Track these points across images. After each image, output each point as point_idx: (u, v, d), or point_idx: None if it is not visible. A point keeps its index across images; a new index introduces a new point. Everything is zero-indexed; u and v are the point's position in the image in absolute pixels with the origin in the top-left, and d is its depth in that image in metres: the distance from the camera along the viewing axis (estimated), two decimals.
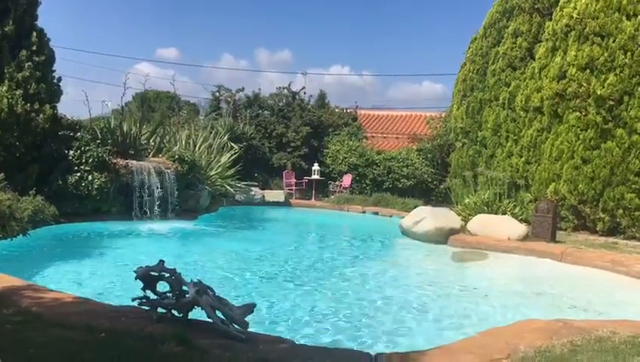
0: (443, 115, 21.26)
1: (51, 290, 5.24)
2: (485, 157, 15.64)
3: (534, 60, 14.02)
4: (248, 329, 4.35)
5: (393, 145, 24.50)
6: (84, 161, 12.39)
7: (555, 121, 12.97)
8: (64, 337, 3.86)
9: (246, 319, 4.41)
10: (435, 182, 20.73)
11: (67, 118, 13.09)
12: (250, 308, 4.56)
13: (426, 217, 12.14)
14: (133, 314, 4.47)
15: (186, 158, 14.57)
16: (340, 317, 6.22)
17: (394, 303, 6.96)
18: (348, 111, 25.66)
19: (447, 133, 19.28)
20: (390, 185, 20.97)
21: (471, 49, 17.21)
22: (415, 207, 14.55)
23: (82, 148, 12.51)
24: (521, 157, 14.06)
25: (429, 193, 20.85)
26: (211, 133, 18.59)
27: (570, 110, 12.38)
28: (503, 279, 9.00)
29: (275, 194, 20.17)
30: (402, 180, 20.97)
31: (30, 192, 10.08)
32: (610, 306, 6.86)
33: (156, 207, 13.33)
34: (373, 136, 25.71)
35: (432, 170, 20.72)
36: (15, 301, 4.63)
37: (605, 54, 11.68)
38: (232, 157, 17.81)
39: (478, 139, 16.06)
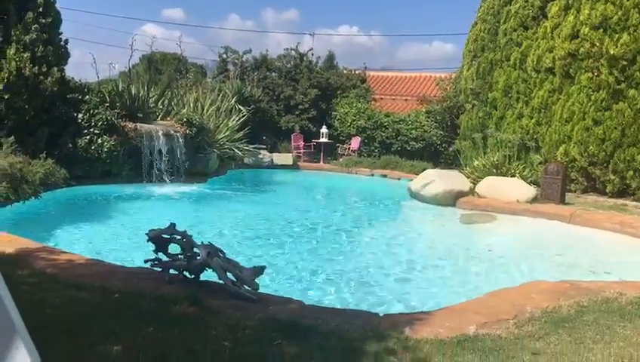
0: (453, 76, 20.96)
1: (65, 252, 5.32)
2: (495, 118, 15.49)
3: (547, 19, 13.73)
4: (258, 291, 4.41)
5: (402, 108, 24.27)
6: (93, 124, 12.40)
7: (566, 81, 12.78)
8: (79, 298, 3.94)
9: (256, 281, 4.47)
10: (444, 145, 20.59)
11: (75, 81, 13.03)
12: (260, 270, 4.62)
13: (435, 180, 12.14)
14: (146, 276, 4.54)
15: (195, 121, 14.54)
16: (349, 280, 6.31)
17: (403, 265, 7.03)
18: (356, 72, 25.34)
19: (457, 95, 19.06)
20: (399, 148, 20.88)
21: (482, 8, 16.85)
22: (424, 170, 14.52)
23: (91, 111, 12.50)
24: (532, 118, 13.92)
25: (438, 156, 20.74)
26: (219, 95, 18.47)
27: (583, 70, 12.17)
28: (511, 241, 9.04)
29: (283, 157, 20.15)
30: (411, 143, 20.85)
31: (41, 155, 10.15)
32: (617, 267, 6.89)
33: (165, 170, 13.39)
34: (381, 98, 25.46)
35: (441, 133, 20.56)
36: (30, 262, 4.71)
37: (619, 13, 11.40)
38: (240, 120, 17.73)
39: (488, 100, 15.87)
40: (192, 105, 16.82)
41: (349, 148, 21.38)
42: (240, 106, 19.13)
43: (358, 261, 7.21)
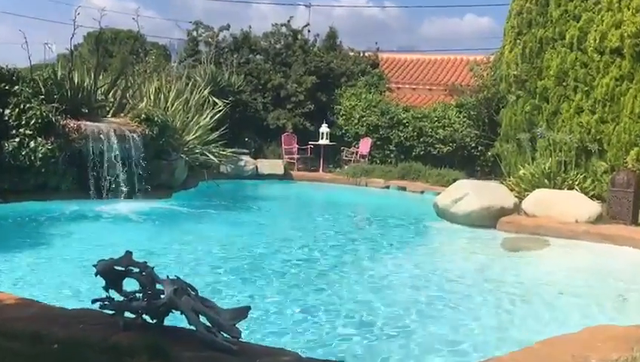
0: (491, 59, 21.05)
1: None
2: (547, 114, 15.53)
3: None
4: (240, 339, 4.40)
5: (425, 100, 24.33)
6: (23, 122, 12.44)
7: (639, 66, 12.83)
8: (6, 349, 3.92)
9: (237, 326, 4.46)
10: (480, 148, 20.63)
11: (0, 67, 13.09)
12: (242, 312, 4.60)
13: (469, 193, 12.18)
14: (94, 320, 4.52)
15: (156, 118, 14.58)
16: (362, 325, 6.31)
17: (429, 307, 7.02)
18: (366, 55, 25.45)
19: (497, 83, 19.12)
20: (421, 152, 20.92)
21: None
22: (454, 181, 14.52)
23: (21, 106, 12.54)
24: (594, 114, 13.96)
25: (473, 162, 20.77)
26: (187, 84, 18.55)
27: None
28: (569, 273, 9.04)
29: (271, 165, 20.19)
30: (437, 145, 20.90)
31: None
32: None
33: (118, 182, 13.40)
34: (399, 88, 25.55)
35: (477, 132, 20.60)
36: None
37: None
38: (216, 117, 17.80)
39: (537, 90, 15.92)
40: (152, 97, 16.88)
41: (356, 152, 21.44)
42: (215, 99, 19.18)
43: (372, 301, 7.19)
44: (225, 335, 4.35)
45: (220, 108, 18.41)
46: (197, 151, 16.54)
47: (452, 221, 12.26)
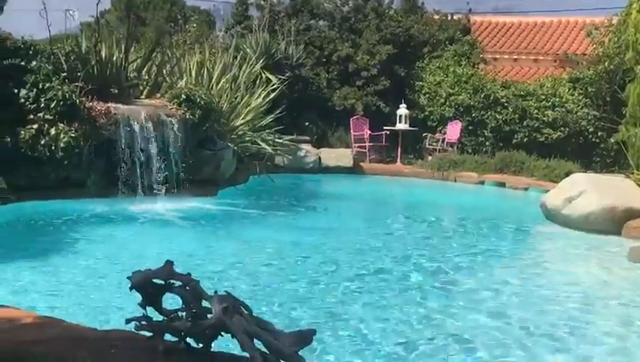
0: (614, 21, 20.56)
1: (3, 306, 5.45)
2: None
3: None
4: None
5: (530, 73, 23.95)
6: (42, 105, 12.64)
7: None
8: None
9: (300, 353, 4.46)
10: (600, 133, 20.21)
11: (14, 39, 13.36)
12: (306, 336, 4.59)
13: (586, 191, 11.99)
14: (128, 344, 4.57)
15: (198, 99, 14.70)
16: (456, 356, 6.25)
17: (542, 333, 6.92)
18: (455, 18, 25.21)
19: (622, 52, 18.67)
20: (525, 139, 20.61)
21: None
22: (567, 175, 14.28)
23: (39, 86, 12.76)
24: None
25: (590, 151, 20.36)
26: (236, 58, 18.68)
27: None
28: None
29: (337, 156, 20.21)
30: (545, 130, 20.54)
31: None
32: None
33: (154, 177, 13.58)
34: (496, 59, 25.22)
35: (596, 113, 20.19)
36: None
37: None
38: (270, 97, 17.88)
39: None
40: (193, 74, 17.06)
41: (442, 139, 21.25)
42: (269, 75, 19.28)
43: (474, 324, 7.11)
44: None
45: (275, 86, 18.49)
46: (247, 138, 16.65)
47: (564, 225, 12.09)
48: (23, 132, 12.32)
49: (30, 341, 4.62)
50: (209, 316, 4.47)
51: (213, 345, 4.56)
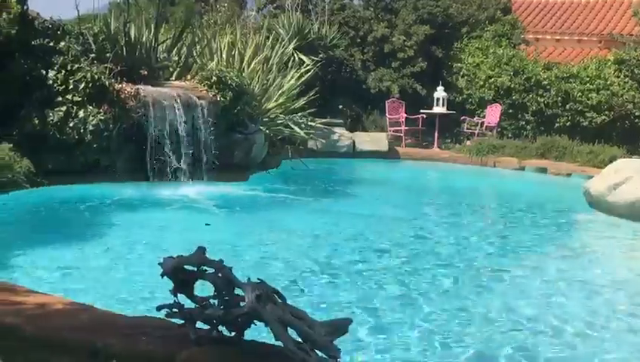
0: None
1: (33, 292, 5.49)
2: None
3: None
4: (340, 360, 4.39)
5: (573, 55, 23.71)
6: (71, 86, 12.70)
7: None
8: None
9: (336, 343, 4.45)
10: None
11: (43, 19, 13.42)
12: (342, 325, 4.58)
13: (633, 177, 11.87)
14: (159, 331, 4.59)
15: (230, 81, 14.70)
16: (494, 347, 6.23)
17: (588, 333, 6.86)
18: None
19: None
20: (567, 123, 20.40)
21: None
22: (612, 160, 14.13)
23: (68, 67, 12.82)
24: None
25: (636, 135, 20.11)
26: (268, 38, 18.67)
27: None
28: None
29: (372, 140, 20.14)
30: (589, 114, 20.32)
31: None
32: None
33: (184, 161, 13.63)
34: (538, 39, 25.01)
35: None
36: None
37: None
38: (303, 79, 17.85)
39: None
40: (224, 55, 17.08)
41: (481, 123, 21.12)
42: (302, 56, 19.24)
43: (513, 322, 7.07)
44: (320, 353, 4.34)
45: (308, 68, 18.45)
46: (280, 122, 16.65)
47: (609, 213, 11.98)
48: (51, 114, 12.38)
49: (60, 327, 4.65)
50: (242, 304, 4.47)
51: (245, 333, 4.57)
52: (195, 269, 4.61)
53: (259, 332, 4.50)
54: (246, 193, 13.55)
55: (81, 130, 12.49)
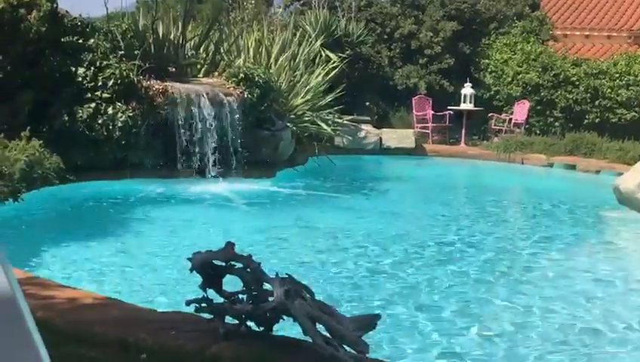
0: None
1: (64, 286, 5.57)
2: None
3: None
4: (368, 355, 4.40)
5: (602, 51, 23.50)
6: (100, 83, 12.83)
7: None
8: (85, 359, 4.09)
9: (364, 338, 4.46)
10: None
11: (73, 17, 13.52)
12: (370, 321, 4.59)
13: None
14: (188, 326, 4.64)
15: (257, 78, 14.74)
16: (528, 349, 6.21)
17: (621, 331, 6.81)
18: None
19: None
20: (597, 120, 20.24)
21: None
22: None
23: (97, 64, 12.95)
24: None
25: None
26: (295, 35, 18.68)
27: None
28: None
29: (399, 136, 20.09)
30: (618, 111, 20.15)
31: (22, 134, 10.63)
32: None
33: (212, 158, 13.70)
34: (566, 35, 24.80)
35: None
36: None
37: None
38: (330, 76, 17.84)
39: None
40: (252, 52, 17.11)
41: (509, 120, 21.01)
42: (329, 52, 19.24)
43: (542, 319, 7.04)
44: (348, 349, 4.36)
45: (335, 65, 18.43)
46: (306, 119, 16.64)
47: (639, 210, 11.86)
48: (80, 111, 12.50)
49: (91, 321, 4.71)
50: (270, 299, 4.49)
51: (274, 328, 4.59)
52: (224, 264, 4.65)
53: (288, 328, 4.53)
54: (272, 189, 13.59)
55: (110, 127, 12.60)
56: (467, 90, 20.90)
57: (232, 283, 4.55)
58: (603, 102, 20.30)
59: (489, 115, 21.43)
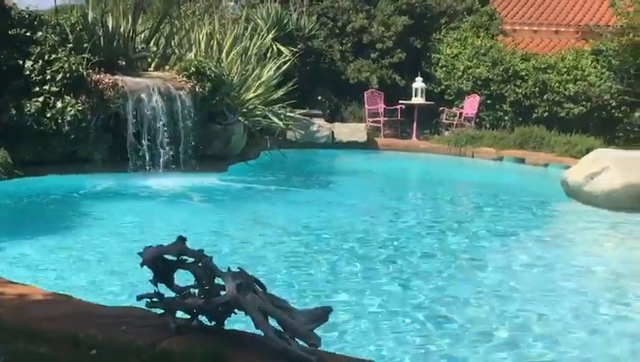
0: None
1: (12, 283, 5.49)
2: None
3: None
4: (319, 348, 4.42)
5: (550, 46, 23.74)
6: (48, 77, 12.69)
7: None
8: (35, 355, 4.05)
9: (316, 331, 4.48)
10: (623, 108, 20.06)
11: (19, 9, 13.37)
12: (322, 313, 4.60)
13: (609, 167, 11.93)
14: (139, 321, 4.61)
15: (208, 72, 14.69)
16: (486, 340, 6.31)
17: (569, 325, 6.90)
18: None
19: None
20: (545, 114, 20.44)
21: None
22: (588, 151, 14.21)
23: (45, 57, 12.81)
24: None
25: (613, 126, 20.19)
26: (246, 29, 18.64)
27: None
28: None
29: (351, 130, 20.15)
30: (566, 105, 20.38)
31: None
32: None
33: (163, 152, 13.62)
34: (515, 30, 24.99)
35: (619, 87, 20.02)
36: None
37: None
38: (282, 70, 17.84)
39: None
40: (203, 45, 17.03)
41: (460, 114, 21.17)
42: (280, 46, 19.22)
43: (493, 312, 7.12)
44: (300, 342, 4.37)
45: (287, 59, 18.43)
46: (258, 112, 16.62)
47: (586, 202, 12.06)
48: (28, 105, 12.38)
49: (41, 318, 4.66)
50: (222, 293, 4.49)
51: (226, 322, 4.59)
52: (175, 259, 4.64)
53: (239, 322, 4.53)
54: (224, 183, 13.53)
55: (59, 121, 12.49)
56: (418, 84, 21.01)
57: (183, 278, 4.55)
58: (551, 96, 20.52)
59: (440, 109, 21.57)
